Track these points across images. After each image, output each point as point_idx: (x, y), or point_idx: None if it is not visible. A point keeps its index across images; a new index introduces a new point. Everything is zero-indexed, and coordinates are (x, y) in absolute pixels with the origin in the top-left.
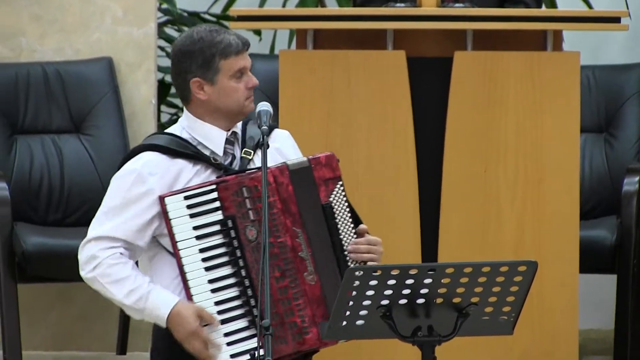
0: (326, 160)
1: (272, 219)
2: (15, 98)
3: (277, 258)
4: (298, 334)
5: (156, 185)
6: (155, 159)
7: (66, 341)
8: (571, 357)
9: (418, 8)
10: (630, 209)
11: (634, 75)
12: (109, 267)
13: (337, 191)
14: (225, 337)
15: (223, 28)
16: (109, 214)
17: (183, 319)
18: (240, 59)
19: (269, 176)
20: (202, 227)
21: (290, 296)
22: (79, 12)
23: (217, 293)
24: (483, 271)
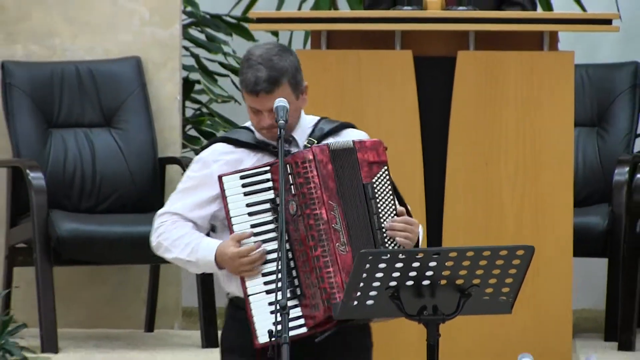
0: (371, 145)
1: (309, 193)
2: (50, 94)
3: (312, 229)
4: (327, 299)
5: (218, 171)
6: (221, 148)
7: (98, 319)
8: (565, 334)
9: (424, 11)
10: (620, 198)
11: (625, 73)
12: (169, 231)
13: (381, 174)
14: (270, 307)
15: (263, 62)
16: (177, 194)
17: (226, 250)
18: (252, 99)
19: (309, 154)
20: (254, 204)
21: (321, 264)
22: (108, 14)
23: (264, 266)
24: (484, 255)
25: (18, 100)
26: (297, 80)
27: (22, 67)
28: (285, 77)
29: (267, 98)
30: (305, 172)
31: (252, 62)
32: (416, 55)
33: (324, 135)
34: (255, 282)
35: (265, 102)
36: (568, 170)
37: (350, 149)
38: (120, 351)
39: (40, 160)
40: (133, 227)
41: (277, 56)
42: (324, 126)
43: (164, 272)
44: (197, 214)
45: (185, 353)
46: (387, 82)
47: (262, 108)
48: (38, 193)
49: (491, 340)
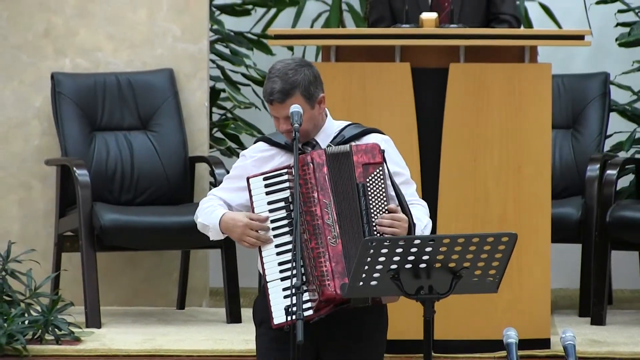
0: (367, 149)
1: (307, 193)
2: (94, 102)
3: (309, 224)
4: (319, 285)
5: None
6: (259, 146)
7: (135, 298)
8: (544, 311)
9: (420, 28)
10: (592, 191)
11: (596, 82)
12: (203, 204)
13: (376, 175)
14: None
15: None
16: (224, 181)
17: (235, 219)
18: (270, 107)
19: (308, 158)
20: (274, 202)
21: (315, 255)
22: (145, 31)
23: (280, 256)
24: (473, 241)
25: (66, 107)
26: (310, 92)
27: (70, 78)
28: (297, 89)
29: (281, 107)
30: (305, 174)
31: (271, 75)
32: (413, 67)
33: (345, 141)
34: (272, 270)
35: (280, 110)
36: (546, 166)
37: (346, 153)
38: (155, 326)
39: (85, 159)
40: (166, 218)
41: (292, 70)
42: (347, 132)
43: (193, 257)
44: (230, 197)
45: (212, 328)
46: (388, 90)
47: (277, 115)
48: (83, 188)
49: (479, 317)
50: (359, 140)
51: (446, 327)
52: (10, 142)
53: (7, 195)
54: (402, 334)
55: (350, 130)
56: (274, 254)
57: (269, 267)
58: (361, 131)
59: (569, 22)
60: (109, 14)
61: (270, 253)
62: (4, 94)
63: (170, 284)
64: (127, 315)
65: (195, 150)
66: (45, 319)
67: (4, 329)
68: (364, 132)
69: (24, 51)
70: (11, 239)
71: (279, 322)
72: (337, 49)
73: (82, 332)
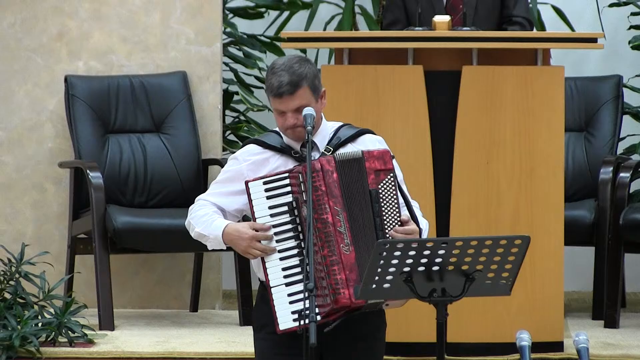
0: (378, 154)
1: (317, 200)
2: (107, 104)
3: (320, 231)
4: (333, 294)
5: (245, 168)
6: (251, 149)
7: (148, 300)
8: (558, 314)
9: (433, 31)
10: (605, 194)
11: (609, 85)
12: (195, 211)
13: (387, 181)
14: (289, 297)
15: (285, 69)
16: (212, 186)
17: (239, 232)
18: (277, 102)
19: (317, 164)
20: (275, 207)
21: (328, 262)
22: (159, 34)
23: (283, 261)
24: (486, 244)
25: (80, 109)
26: (316, 85)
27: (84, 80)
28: (305, 81)
29: (290, 99)
30: (314, 181)
31: (275, 70)
32: (426, 69)
33: (341, 143)
34: (276, 275)
35: (289, 103)
36: (559, 169)
37: (358, 159)
38: (168, 328)
39: (99, 162)
40: (179, 220)
41: (297, 64)
42: (342, 134)
43: (206, 259)
44: (224, 202)
45: (226, 330)
46: (401, 93)
47: (285, 109)
48: (97, 190)
49: (492, 319)
50: (354, 141)
51: (459, 329)
52: (24, 145)
53: (21, 197)
54: (415, 336)
55: (344, 131)
56: (277, 259)
57: (272, 272)
58: (356, 132)
59: (581, 25)
60: (123, 17)
61: (274, 258)
62: (18, 97)
63: (183, 287)
64: (140, 318)
65: (208, 153)
66: (58, 321)
67: (18, 331)
68: (358, 134)
69: (38, 54)
70: (25, 241)
71: (285, 327)
72: (350, 51)
73: (96, 334)
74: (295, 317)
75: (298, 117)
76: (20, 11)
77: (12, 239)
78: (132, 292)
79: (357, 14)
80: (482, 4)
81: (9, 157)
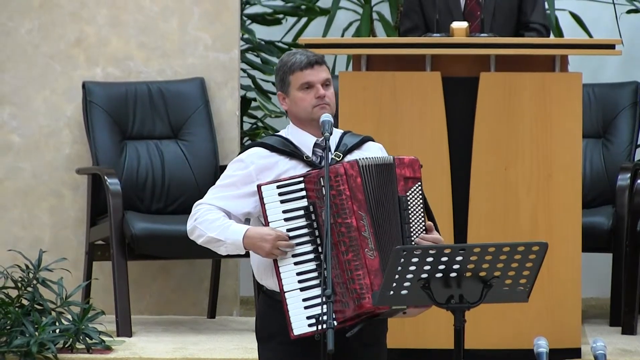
0: (409, 162)
1: (341, 204)
2: (125, 111)
3: (344, 235)
4: (357, 299)
5: (253, 171)
6: (258, 152)
7: (166, 307)
8: (575, 320)
9: (451, 37)
10: (623, 200)
11: (626, 91)
12: (203, 216)
13: (415, 189)
14: (304, 302)
15: (303, 50)
16: (215, 189)
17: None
18: (306, 74)
19: (341, 168)
20: (290, 211)
21: (352, 267)
22: (177, 40)
23: (299, 266)
24: (504, 250)
25: (97, 115)
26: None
27: (101, 86)
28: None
29: (320, 70)
30: (338, 185)
31: (294, 52)
32: (444, 76)
33: (348, 150)
34: (290, 280)
35: (319, 73)
36: (577, 175)
37: (389, 165)
38: (185, 335)
39: (116, 168)
40: None
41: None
42: (347, 141)
43: (224, 266)
44: (231, 205)
45: (243, 337)
46: (418, 99)
47: (316, 79)
48: (115, 196)
49: (510, 326)
50: (359, 148)
51: (477, 336)
52: (42, 151)
53: (39, 203)
54: (432, 343)
55: (349, 138)
56: (291, 264)
57: (286, 277)
58: (360, 140)
59: (599, 31)
60: (141, 23)
61: (288, 262)
62: (36, 103)
63: (201, 293)
64: (158, 324)
65: (226, 159)
66: (76, 327)
67: (35, 338)
68: (362, 141)
69: (56, 60)
70: (42, 247)
71: (300, 332)
72: (367, 58)
73: (113, 340)
74: (311, 322)
75: (326, 92)
76: (38, 17)
77: (30, 246)
78: (149, 298)
79: (375, 20)
80: (499, 10)
81: (27, 163)
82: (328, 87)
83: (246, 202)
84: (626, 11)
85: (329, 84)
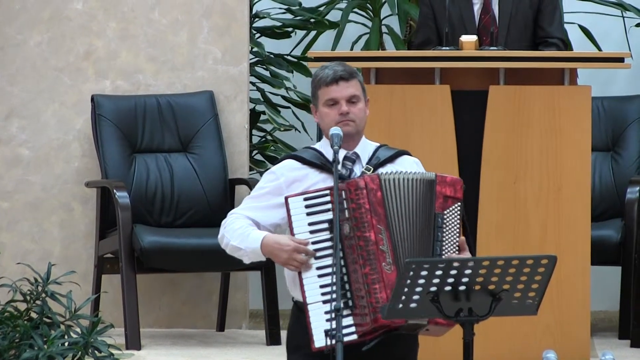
0: (451, 181)
1: (360, 217)
2: (134, 124)
3: (362, 249)
4: (373, 312)
5: (284, 183)
6: (290, 164)
7: (175, 320)
8: (584, 333)
9: (460, 51)
10: (632, 213)
11: (636, 104)
12: (230, 224)
13: (453, 209)
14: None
15: (336, 63)
16: (248, 200)
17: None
18: (331, 90)
19: (362, 182)
20: (315, 223)
21: (369, 281)
22: (186, 53)
23: (322, 279)
24: (513, 264)
25: (106, 129)
26: (364, 88)
27: (110, 100)
28: (357, 75)
29: (346, 86)
30: (358, 198)
31: (326, 65)
32: (453, 89)
33: (380, 163)
34: (313, 292)
35: (344, 90)
36: (586, 188)
37: (431, 181)
38: (195, 348)
39: (125, 181)
40: (206, 240)
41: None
42: (381, 154)
43: (233, 279)
44: (260, 216)
45: (252, 350)
46: (428, 113)
47: (340, 95)
48: (124, 210)
49: (519, 339)
50: (393, 162)
51: (486, 349)
52: (51, 164)
53: (49, 217)
54: (442, 356)
55: (383, 152)
56: (315, 276)
57: (309, 289)
58: (395, 153)
59: (608, 45)
60: (150, 37)
61: (311, 275)
62: (46, 116)
63: (210, 306)
64: (167, 337)
65: (236, 173)
66: (85, 340)
67: (44, 351)
68: (397, 154)
69: (65, 73)
70: (52, 260)
71: (320, 345)
72: (377, 71)
73: (122, 354)
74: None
75: (351, 108)
76: (47, 30)
77: (39, 258)
78: (158, 311)
79: (384, 33)
80: (514, 25)
81: (37, 176)
82: (354, 104)
83: (275, 213)
84: (635, 24)
85: (356, 101)
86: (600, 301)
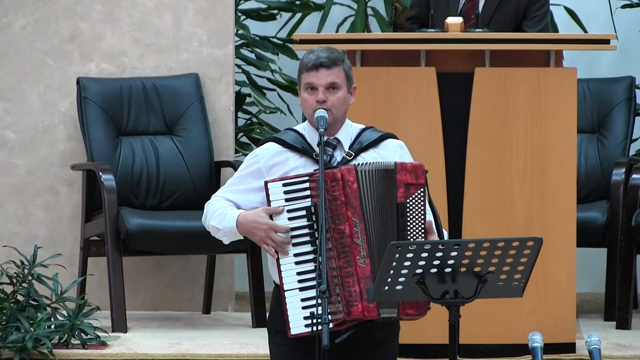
0: (412, 168)
1: (336, 210)
2: (120, 107)
3: (336, 242)
4: (346, 305)
5: (264, 167)
6: (271, 148)
7: (161, 303)
8: (570, 315)
9: (445, 33)
10: (618, 195)
11: (621, 86)
12: (210, 205)
13: (417, 196)
14: (302, 302)
15: (323, 49)
16: (230, 182)
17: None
18: (310, 75)
19: (338, 174)
20: (293, 210)
21: (343, 274)
22: (171, 36)
23: (299, 266)
24: (498, 246)
25: (92, 111)
26: (350, 75)
27: (96, 82)
28: (342, 63)
29: (326, 73)
30: (333, 190)
31: (313, 50)
32: (439, 71)
33: (363, 148)
34: (291, 279)
35: (324, 77)
36: (572, 170)
37: (390, 170)
38: (180, 330)
39: (111, 164)
40: (192, 222)
41: (335, 50)
42: (364, 138)
43: (219, 261)
44: (240, 199)
45: (238, 332)
46: (413, 95)
47: (319, 82)
48: (109, 192)
49: (505, 321)
50: (376, 146)
51: (471, 331)
52: (36, 147)
53: (34, 200)
54: (427, 338)
55: (367, 135)
56: (292, 263)
57: (286, 276)
58: (378, 137)
59: (594, 27)
60: (135, 19)
61: (289, 262)
62: (31, 99)
63: (196, 289)
64: (153, 320)
65: (221, 155)
66: (71, 323)
67: (31, 333)
68: (380, 138)
69: (50, 56)
70: (38, 243)
71: (297, 332)
72: (362, 53)
73: (108, 336)
74: (308, 322)
75: (328, 96)
76: (32, 13)
77: (25, 241)
78: (144, 294)
79: (370, 15)
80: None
81: (22, 159)
82: (333, 92)
83: (255, 196)
84: (621, 6)
85: (336, 88)
86: (585, 283)
